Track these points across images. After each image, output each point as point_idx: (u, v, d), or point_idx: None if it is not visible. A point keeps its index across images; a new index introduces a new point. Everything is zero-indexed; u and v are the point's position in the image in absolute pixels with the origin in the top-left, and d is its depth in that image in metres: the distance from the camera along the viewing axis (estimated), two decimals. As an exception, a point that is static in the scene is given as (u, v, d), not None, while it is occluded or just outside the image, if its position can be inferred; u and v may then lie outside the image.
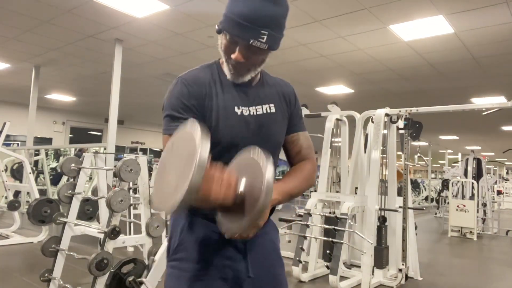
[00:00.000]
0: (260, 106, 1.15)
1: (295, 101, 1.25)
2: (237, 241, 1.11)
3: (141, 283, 2.36)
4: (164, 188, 0.87)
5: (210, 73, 1.14)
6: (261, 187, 0.85)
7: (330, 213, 4.09)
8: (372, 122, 4.17)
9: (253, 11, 1.01)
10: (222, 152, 1.07)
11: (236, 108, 1.11)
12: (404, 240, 3.90)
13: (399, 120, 4.07)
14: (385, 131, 4.13)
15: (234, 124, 1.10)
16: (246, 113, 1.12)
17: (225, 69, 1.12)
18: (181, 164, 0.83)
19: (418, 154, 4.35)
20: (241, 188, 0.89)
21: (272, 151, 1.15)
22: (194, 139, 0.82)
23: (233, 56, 1.06)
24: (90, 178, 5.76)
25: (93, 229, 3.06)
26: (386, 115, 4.07)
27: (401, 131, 4.10)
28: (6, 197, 5.77)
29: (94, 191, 4.22)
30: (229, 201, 0.88)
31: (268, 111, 1.16)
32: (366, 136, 4.48)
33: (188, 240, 1.11)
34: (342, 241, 3.59)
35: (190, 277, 1.07)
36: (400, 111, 4.06)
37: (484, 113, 4.13)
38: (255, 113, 1.14)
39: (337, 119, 4.57)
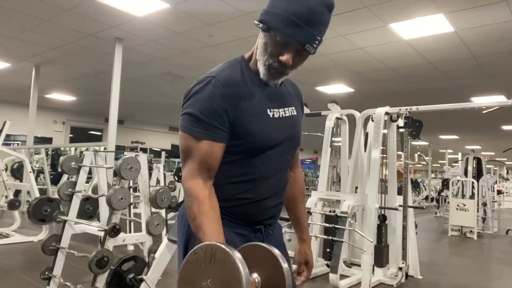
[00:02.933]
0: (287, 108, 1.16)
1: (302, 101, 1.30)
2: (256, 241, 1.12)
3: (142, 280, 2.36)
4: None
5: (240, 72, 1.09)
6: (280, 277, 0.92)
7: (330, 211, 4.09)
8: (372, 121, 4.17)
9: (314, 14, 0.97)
10: (252, 153, 1.08)
11: (268, 110, 1.10)
12: (404, 238, 3.90)
13: (399, 119, 4.07)
14: (385, 131, 4.13)
15: (268, 127, 1.09)
16: (277, 115, 1.12)
17: (261, 69, 1.07)
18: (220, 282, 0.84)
19: (418, 153, 4.35)
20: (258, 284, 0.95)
21: (294, 151, 1.22)
22: (240, 273, 0.82)
23: (282, 58, 1.01)
24: (90, 178, 5.76)
25: (94, 227, 3.06)
26: (386, 113, 4.07)
27: (401, 130, 4.10)
28: (6, 196, 5.77)
29: (94, 190, 4.23)
30: None
31: (293, 113, 1.18)
32: (366, 135, 4.48)
33: None
34: (342, 240, 3.59)
35: None
36: (400, 109, 4.06)
37: (484, 112, 4.13)
38: (283, 115, 1.14)
39: (337, 118, 4.57)
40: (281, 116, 1.13)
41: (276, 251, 0.95)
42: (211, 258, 0.86)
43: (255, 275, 0.95)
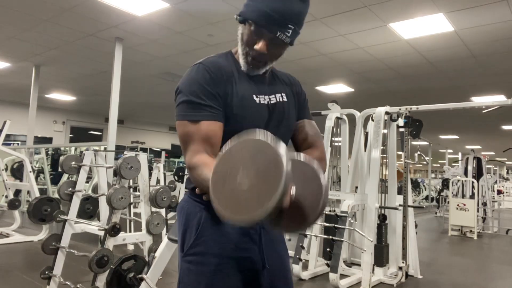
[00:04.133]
0: (274, 95, 1.18)
1: (301, 90, 1.30)
2: (252, 233, 1.13)
3: (142, 279, 2.36)
4: (236, 198, 0.79)
5: (226, 61, 1.14)
6: (317, 188, 0.86)
7: (330, 211, 4.09)
8: (372, 120, 4.17)
9: (283, 4, 1.02)
10: None
11: (254, 96, 1.12)
12: (404, 238, 3.90)
13: (399, 118, 4.07)
14: (385, 130, 4.13)
15: (254, 112, 1.11)
16: (263, 101, 1.14)
17: (241, 61, 1.11)
18: (261, 172, 0.77)
19: (418, 152, 4.34)
20: (294, 192, 0.88)
21: (286, 138, 1.20)
22: (272, 146, 0.77)
23: (256, 47, 1.05)
24: (90, 178, 5.76)
25: (94, 226, 3.06)
26: (386, 113, 4.07)
27: (401, 130, 4.10)
28: (6, 196, 5.77)
29: (94, 189, 4.23)
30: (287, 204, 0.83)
31: (281, 99, 1.19)
32: (366, 134, 4.48)
33: (207, 234, 1.09)
34: (342, 239, 3.59)
35: (210, 272, 1.06)
36: (400, 109, 4.06)
37: (484, 111, 4.13)
38: (270, 102, 1.16)
39: (337, 118, 4.57)
40: (267, 102, 1.15)
41: (314, 164, 0.89)
42: (237, 152, 0.81)
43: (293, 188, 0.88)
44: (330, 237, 3.69)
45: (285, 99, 1.20)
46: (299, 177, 0.88)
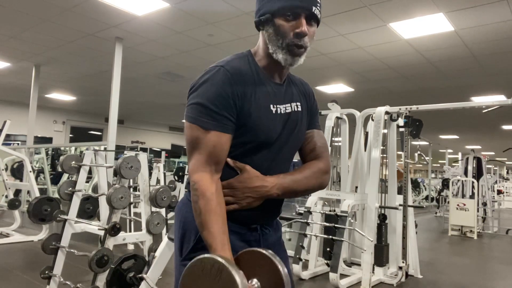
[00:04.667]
0: (289, 104, 1.16)
1: (313, 99, 1.28)
2: (252, 239, 1.13)
3: (142, 279, 2.36)
4: None
5: (248, 65, 1.10)
6: (280, 282, 0.95)
7: (330, 211, 4.09)
8: (372, 120, 4.18)
9: None
10: (254, 148, 1.08)
11: (271, 106, 1.10)
12: (404, 238, 3.90)
13: (399, 118, 4.07)
14: (385, 130, 4.13)
15: (270, 122, 1.09)
16: (279, 111, 1.12)
17: (280, 56, 1.07)
18: None
19: (418, 152, 4.34)
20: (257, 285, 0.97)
21: (296, 148, 1.21)
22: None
23: (298, 30, 1.04)
24: (90, 178, 5.76)
25: (94, 226, 3.06)
26: (386, 113, 4.08)
27: (401, 129, 4.10)
28: (6, 196, 5.77)
29: (94, 189, 4.23)
30: None
31: (296, 109, 1.18)
32: (366, 134, 4.48)
33: None
34: (342, 239, 3.60)
35: None
36: (400, 109, 4.06)
37: (484, 111, 4.13)
38: (285, 111, 1.14)
39: (337, 118, 4.57)
40: (283, 112, 1.13)
41: (275, 258, 0.97)
42: (216, 275, 0.88)
43: (254, 281, 0.97)
44: (330, 237, 3.69)
45: (299, 109, 1.18)
46: (263, 269, 0.97)
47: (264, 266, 0.98)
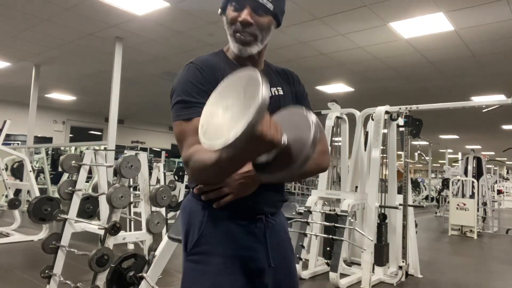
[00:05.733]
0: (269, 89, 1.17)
1: (299, 82, 1.28)
2: (257, 231, 1.12)
3: (142, 278, 2.36)
4: (216, 125, 0.84)
5: (219, 58, 1.15)
6: (307, 135, 0.87)
7: (330, 210, 4.09)
8: (372, 120, 4.18)
9: None
10: None
11: None
12: (404, 237, 3.90)
13: (399, 118, 4.07)
14: (385, 130, 4.13)
15: None
16: None
17: (232, 44, 1.11)
18: (239, 102, 0.82)
19: (419, 152, 4.35)
20: (285, 139, 0.89)
21: None
22: (256, 78, 0.80)
23: (240, 18, 1.06)
24: (90, 178, 5.76)
25: (94, 225, 3.06)
26: (386, 112, 4.07)
27: (401, 129, 4.10)
28: (6, 196, 5.77)
29: (95, 189, 4.23)
30: (279, 144, 0.85)
31: (276, 93, 1.18)
32: (366, 134, 4.48)
33: (210, 232, 1.08)
34: (342, 238, 3.59)
35: (215, 271, 1.05)
36: (400, 108, 4.06)
37: (484, 110, 4.13)
38: None
39: (337, 117, 4.57)
40: None
41: (309, 116, 0.92)
42: (237, 83, 0.85)
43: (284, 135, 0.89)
44: (330, 236, 3.69)
45: (281, 93, 1.19)
46: (292, 125, 0.91)
47: (295, 122, 0.93)
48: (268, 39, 1.14)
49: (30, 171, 5.30)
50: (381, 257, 3.87)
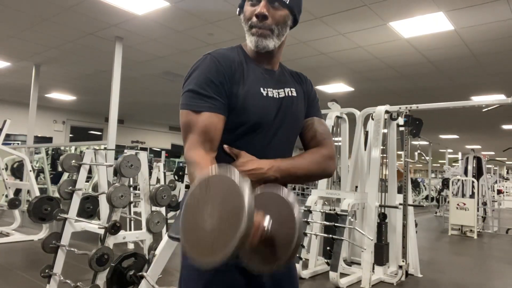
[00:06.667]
0: (283, 90, 1.17)
1: (311, 87, 1.29)
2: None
3: (142, 277, 2.36)
4: (201, 238, 0.80)
5: (236, 53, 1.15)
6: (291, 224, 0.85)
7: (330, 210, 4.09)
8: (372, 119, 4.18)
9: None
10: (247, 131, 1.08)
11: (262, 89, 1.12)
12: (404, 237, 3.90)
13: (399, 117, 4.07)
14: (385, 130, 4.13)
15: (260, 105, 1.10)
16: (271, 94, 1.13)
17: (249, 39, 1.12)
18: (224, 212, 0.78)
19: (419, 151, 4.35)
20: (268, 226, 0.87)
21: (293, 133, 1.19)
22: (239, 188, 0.76)
23: (256, 12, 1.07)
24: (90, 178, 5.76)
25: (94, 225, 3.06)
26: (386, 112, 4.08)
27: (401, 129, 4.10)
28: (6, 196, 5.77)
29: (95, 188, 4.23)
30: (257, 241, 0.83)
31: (290, 94, 1.18)
32: (366, 133, 4.48)
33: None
34: (342, 238, 3.60)
35: (213, 273, 1.03)
36: (400, 108, 4.06)
37: (484, 110, 4.13)
38: (278, 96, 1.15)
39: (337, 117, 4.57)
40: (275, 96, 1.14)
41: (289, 198, 0.89)
42: (206, 188, 0.81)
43: (267, 217, 0.87)
44: (330, 236, 3.69)
45: (294, 94, 1.19)
46: (275, 211, 0.88)
47: (275, 206, 0.90)
48: (285, 35, 1.14)
49: (30, 170, 5.30)
50: (381, 256, 3.87)
